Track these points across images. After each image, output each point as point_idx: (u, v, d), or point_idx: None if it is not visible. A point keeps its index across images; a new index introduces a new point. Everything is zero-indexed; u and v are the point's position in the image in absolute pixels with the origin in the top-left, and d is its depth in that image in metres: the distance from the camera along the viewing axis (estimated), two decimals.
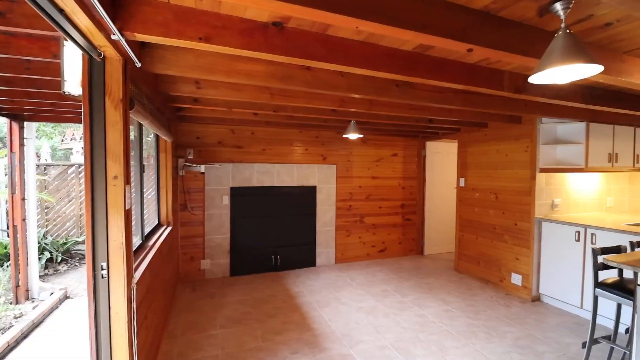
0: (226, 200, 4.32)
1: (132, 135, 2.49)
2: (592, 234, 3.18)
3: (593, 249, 2.29)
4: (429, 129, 4.67)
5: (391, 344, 2.76)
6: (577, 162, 3.54)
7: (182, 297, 3.68)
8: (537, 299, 3.69)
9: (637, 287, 1.52)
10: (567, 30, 1.27)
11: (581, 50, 1.23)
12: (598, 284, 2.31)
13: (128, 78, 1.68)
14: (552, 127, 3.73)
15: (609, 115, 3.52)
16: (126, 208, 1.62)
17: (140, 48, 1.83)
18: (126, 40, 1.46)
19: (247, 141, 4.45)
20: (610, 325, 2.68)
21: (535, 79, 1.37)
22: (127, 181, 1.66)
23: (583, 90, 2.58)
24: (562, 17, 1.30)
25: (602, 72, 1.77)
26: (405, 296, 3.76)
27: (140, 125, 2.53)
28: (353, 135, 3.81)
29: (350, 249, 5.10)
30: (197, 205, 4.22)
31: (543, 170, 3.64)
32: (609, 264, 1.89)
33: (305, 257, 4.78)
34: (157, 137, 3.35)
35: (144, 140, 2.66)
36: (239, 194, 4.38)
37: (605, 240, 3.07)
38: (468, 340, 2.83)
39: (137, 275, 1.88)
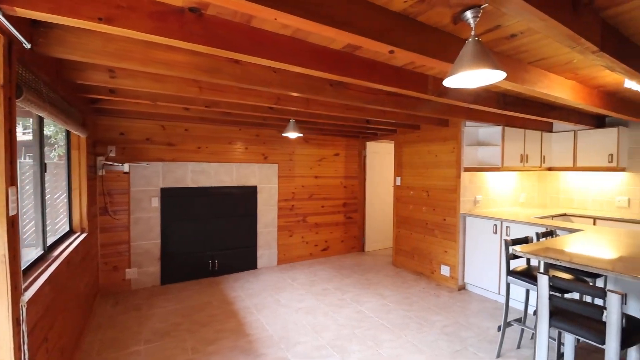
0: (156, 202, 3.98)
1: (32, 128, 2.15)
2: (507, 227, 3.54)
3: (505, 241, 2.53)
4: (368, 130, 4.81)
5: (328, 342, 2.76)
6: (494, 162, 3.92)
7: (102, 312, 3.30)
8: (462, 287, 4.01)
9: (539, 274, 1.69)
10: (476, 38, 1.36)
11: (487, 56, 1.31)
12: (509, 272, 2.56)
13: (14, 61, 1.43)
14: (475, 130, 4.07)
15: (520, 120, 3.95)
16: (10, 214, 1.37)
17: (32, 27, 1.57)
18: (4, 15, 1.23)
19: (180, 138, 4.15)
20: (523, 308, 2.99)
21: (448, 82, 1.44)
22: (12, 182, 1.41)
23: (498, 97, 2.85)
24: (472, 25, 1.39)
25: (509, 80, 1.96)
26: (345, 293, 3.82)
27: (41, 118, 2.18)
28: (293, 134, 3.76)
29: (293, 249, 5.05)
30: (121, 208, 3.82)
31: (467, 169, 3.97)
32: (517, 253, 2.10)
33: (245, 260, 4.61)
34: (68, 133, 2.95)
35: (59, 137, 2.31)
36: (171, 195, 4.07)
37: (518, 231, 3.43)
38: (401, 332, 2.95)
39: (31, 292, 1.61)
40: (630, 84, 2.21)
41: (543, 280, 1.71)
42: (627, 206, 4.08)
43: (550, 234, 2.86)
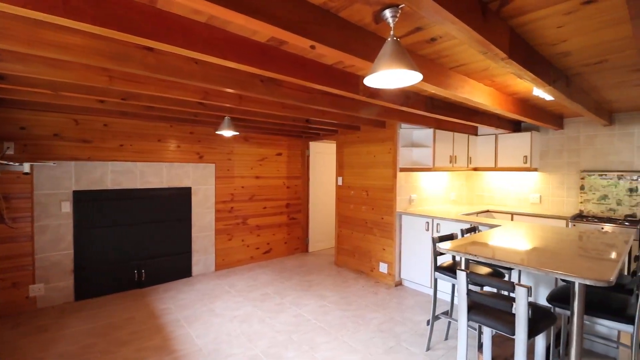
0: (67, 207, 3.49)
1: None
2: (438, 224, 3.74)
3: (433, 238, 2.64)
4: (311, 130, 4.76)
5: (263, 351, 2.63)
6: (427, 162, 4.12)
7: None
8: (399, 283, 4.15)
9: (458, 270, 1.75)
10: (395, 38, 1.34)
11: (404, 57, 1.30)
12: (437, 268, 2.67)
13: None
14: (410, 132, 4.24)
15: (449, 124, 4.20)
16: None
17: None
18: None
19: (98, 134, 3.69)
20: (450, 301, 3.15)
21: (369, 80, 1.41)
22: None
23: (426, 100, 2.96)
24: (391, 25, 1.37)
25: (433, 84, 2.01)
26: (284, 297, 3.71)
27: None
28: (228, 132, 3.55)
29: (233, 253, 4.81)
30: (22, 215, 3.27)
31: (402, 169, 4.11)
32: (440, 250, 2.18)
33: (178, 268, 4.27)
34: None
35: None
36: (86, 199, 3.59)
37: (447, 228, 3.64)
38: (338, 332, 2.93)
39: None
40: (538, 92, 2.43)
41: (461, 277, 1.78)
42: (539, 202, 4.57)
43: (473, 229, 3.06)
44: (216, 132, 4.08)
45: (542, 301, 2.96)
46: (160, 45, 1.50)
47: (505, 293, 2.28)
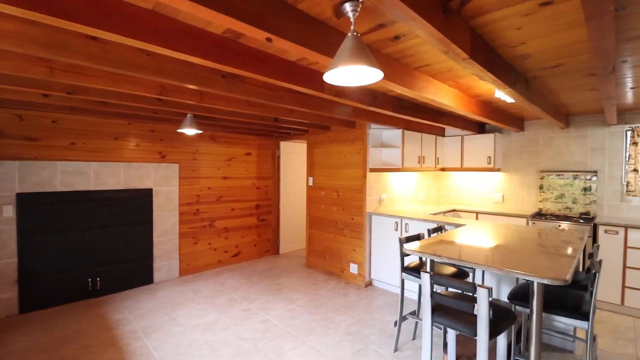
0: (9, 211, 3.17)
1: None
2: (406, 224, 3.76)
3: (400, 239, 2.63)
4: (281, 129, 4.65)
5: None
6: (396, 163, 4.14)
7: None
8: (369, 284, 4.14)
9: (422, 272, 1.72)
10: (355, 33, 1.29)
11: (365, 53, 1.25)
12: (404, 268, 2.66)
13: None
14: (379, 133, 4.25)
15: (417, 124, 4.25)
16: None
17: None
18: None
19: (46, 132, 3.38)
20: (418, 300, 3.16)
21: (328, 77, 1.35)
22: None
23: (394, 101, 2.96)
24: (352, 20, 1.31)
25: (399, 84, 1.98)
26: (252, 302, 3.58)
27: None
28: (190, 131, 3.38)
29: (199, 257, 4.60)
30: None
31: (372, 170, 4.11)
32: (406, 251, 2.16)
33: (138, 275, 4.02)
34: None
35: None
36: (32, 202, 3.28)
37: (416, 228, 3.66)
38: (306, 337, 2.86)
39: None
40: (500, 94, 2.48)
41: (425, 279, 1.76)
42: (502, 201, 4.74)
43: (439, 229, 3.09)
44: (177, 131, 3.87)
45: (505, 297, 3.04)
46: (102, 34, 1.35)
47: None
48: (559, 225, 3.74)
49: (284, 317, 3.24)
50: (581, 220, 3.69)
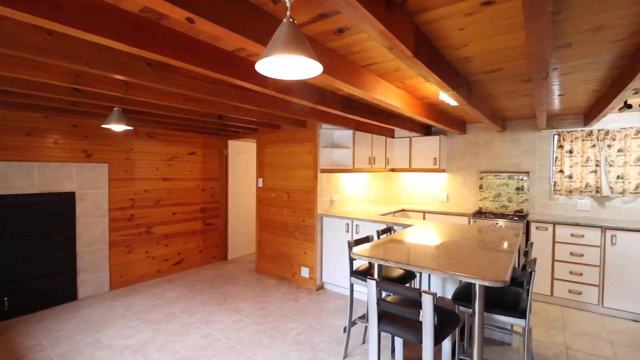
0: None
1: None
2: (357, 225, 3.72)
3: (348, 242, 2.55)
4: (228, 127, 4.37)
5: None
6: (347, 163, 4.10)
7: None
8: (321, 287, 4.04)
9: (368, 279, 1.64)
10: (291, 19, 1.14)
11: (301, 42, 1.11)
12: (353, 272, 2.59)
13: None
14: (330, 133, 4.17)
15: (368, 125, 4.25)
16: None
17: None
18: None
19: None
20: (367, 304, 3.11)
21: (260, 66, 1.19)
22: None
23: (343, 100, 2.88)
24: (288, 5, 1.17)
25: (346, 82, 1.88)
26: (193, 315, 3.29)
27: None
28: (117, 127, 2.99)
29: (133, 268, 4.15)
30: None
31: (324, 170, 4.02)
32: (353, 256, 2.08)
33: (58, 291, 3.49)
34: None
35: None
36: None
37: (366, 229, 3.64)
38: (252, 350, 2.66)
39: None
40: (444, 97, 2.51)
41: (371, 286, 1.68)
42: (447, 201, 4.94)
43: (389, 230, 3.08)
44: (102, 126, 3.42)
45: (451, 295, 3.12)
46: None
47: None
48: (497, 223, 3.97)
49: (229, 329, 3.01)
50: (516, 218, 3.94)
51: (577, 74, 2.28)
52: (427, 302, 1.51)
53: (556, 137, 4.12)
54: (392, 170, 5.03)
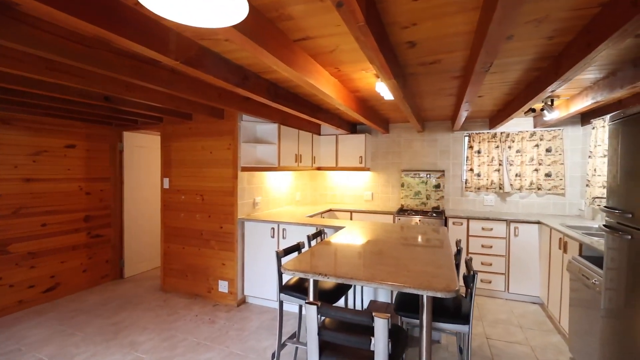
0: None
1: None
2: (284, 229, 3.35)
3: (277, 253, 2.17)
4: (122, 114, 3.51)
5: None
6: (272, 161, 3.69)
7: None
8: (242, 301, 3.55)
9: (306, 304, 1.28)
10: None
11: None
12: (282, 287, 2.22)
13: None
14: (252, 126, 3.71)
15: (294, 120, 3.91)
16: None
17: None
18: None
19: None
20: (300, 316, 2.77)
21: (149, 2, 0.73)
22: None
23: (268, 86, 2.48)
24: None
25: (275, 57, 1.49)
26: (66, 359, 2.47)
27: None
28: None
29: None
30: None
31: (245, 169, 3.53)
32: (285, 272, 1.71)
33: None
34: None
35: None
36: None
37: (294, 233, 3.29)
38: None
39: None
40: (381, 88, 2.32)
41: (311, 312, 1.34)
42: (372, 199, 4.93)
43: (319, 234, 2.80)
44: None
45: (383, 299, 3.00)
46: None
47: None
48: (419, 220, 4.06)
49: None
50: (434, 215, 4.10)
51: (500, 75, 2.33)
52: (380, 328, 1.23)
53: (467, 138, 4.43)
54: (319, 168, 4.81)
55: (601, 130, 3.35)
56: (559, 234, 3.02)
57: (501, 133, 4.21)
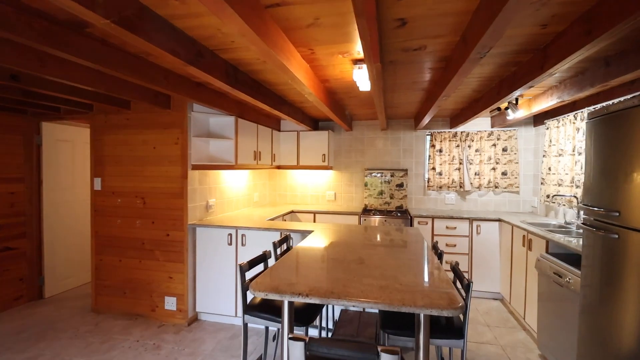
0: None
1: None
2: (243, 235, 2.97)
3: (240, 266, 1.82)
4: (39, 100, 2.82)
5: None
6: (228, 158, 3.28)
7: None
8: (194, 319, 3.10)
9: (290, 340, 0.98)
10: None
11: None
12: (247, 307, 1.87)
13: None
14: (205, 118, 3.26)
15: (253, 113, 3.53)
16: None
17: None
18: None
19: None
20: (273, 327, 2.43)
21: None
22: None
23: (227, 68, 2.10)
24: None
25: (244, 19, 1.16)
26: None
27: None
28: None
29: None
30: None
31: (196, 167, 3.08)
32: (253, 294, 1.38)
33: None
34: None
35: None
36: None
37: (255, 239, 2.93)
38: None
39: None
40: (359, 76, 2.08)
41: (296, 350, 1.03)
42: (334, 199, 4.72)
43: (285, 240, 2.48)
44: None
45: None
46: None
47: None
48: (385, 221, 3.93)
49: None
50: (398, 214, 4.00)
51: (479, 68, 2.23)
52: None
53: (429, 137, 4.41)
54: (279, 167, 4.47)
55: (555, 130, 3.49)
56: (522, 231, 3.06)
57: (461, 132, 4.25)
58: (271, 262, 2.49)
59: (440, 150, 4.32)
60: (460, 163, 4.25)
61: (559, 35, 1.64)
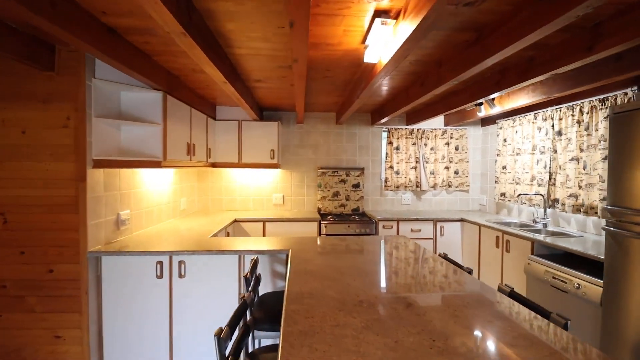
0: None
1: None
2: (180, 262, 2.07)
3: (218, 338, 1.04)
4: None
5: None
6: (152, 152, 2.29)
7: None
8: None
9: None
10: None
11: None
12: None
13: None
14: (114, 91, 2.19)
15: (186, 92, 2.60)
16: None
17: None
18: None
19: None
20: None
21: None
22: None
23: None
24: None
25: None
26: None
27: None
28: None
29: None
30: None
31: (100, 164, 2.02)
32: None
33: None
34: None
35: None
36: None
37: (198, 266, 2.06)
38: None
39: None
40: (370, 54, 1.47)
41: None
42: (282, 203, 4.00)
43: (255, 266, 1.74)
44: None
45: None
46: None
47: None
48: (348, 226, 3.43)
49: None
50: (360, 218, 3.56)
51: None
52: None
53: (386, 133, 4.09)
54: (214, 165, 3.54)
55: (510, 130, 3.51)
56: (496, 232, 2.92)
57: (417, 130, 4.04)
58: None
59: (398, 148, 4.03)
60: (416, 162, 4.04)
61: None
